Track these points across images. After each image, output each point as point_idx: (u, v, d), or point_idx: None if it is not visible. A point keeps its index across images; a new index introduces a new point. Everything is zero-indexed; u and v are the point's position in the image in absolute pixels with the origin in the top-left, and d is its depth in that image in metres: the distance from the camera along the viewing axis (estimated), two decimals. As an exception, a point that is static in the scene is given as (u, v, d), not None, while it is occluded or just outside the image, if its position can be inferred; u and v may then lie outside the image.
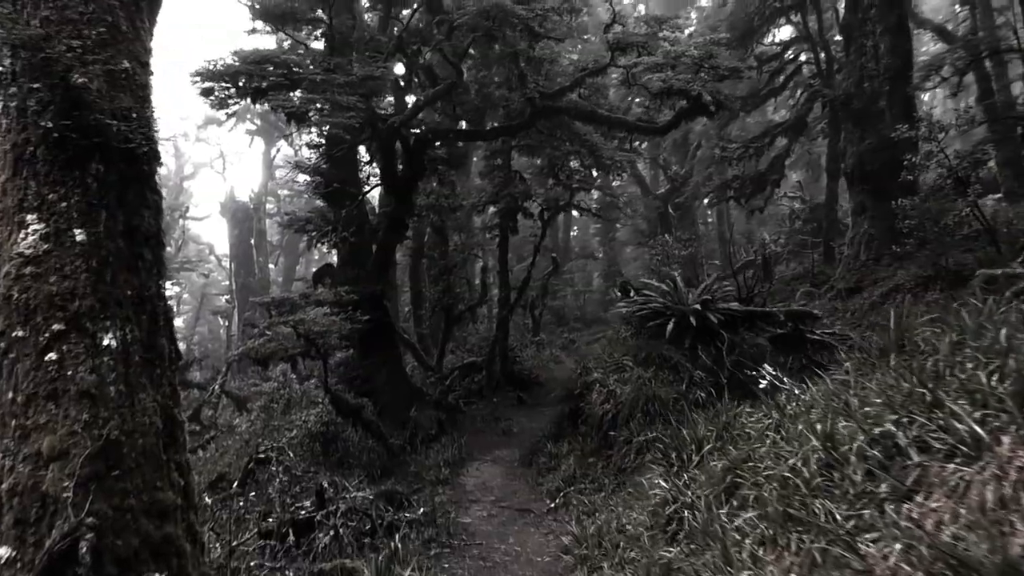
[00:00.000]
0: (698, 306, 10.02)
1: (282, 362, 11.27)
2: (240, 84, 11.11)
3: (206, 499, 12.14)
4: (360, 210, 15.57)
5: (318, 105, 11.04)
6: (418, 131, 14.57)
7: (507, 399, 17.48)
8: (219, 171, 62.79)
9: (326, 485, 8.17)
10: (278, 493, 11.37)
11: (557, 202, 18.90)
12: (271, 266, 46.54)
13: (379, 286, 15.26)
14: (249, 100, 11.58)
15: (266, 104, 11.60)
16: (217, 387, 22.61)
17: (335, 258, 18.84)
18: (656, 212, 30.72)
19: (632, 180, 32.81)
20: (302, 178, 18.52)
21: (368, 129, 13.94)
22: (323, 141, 15.89)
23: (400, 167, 15.00)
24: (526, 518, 8.54)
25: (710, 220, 39.67)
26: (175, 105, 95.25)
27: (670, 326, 9.95)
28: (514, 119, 15.50)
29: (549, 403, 17.22)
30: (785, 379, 6.46)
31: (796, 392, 5.94)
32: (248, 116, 38.56)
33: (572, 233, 44.48)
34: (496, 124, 15.77)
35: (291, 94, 11.30)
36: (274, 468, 12.34)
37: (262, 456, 12.62)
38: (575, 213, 45.73)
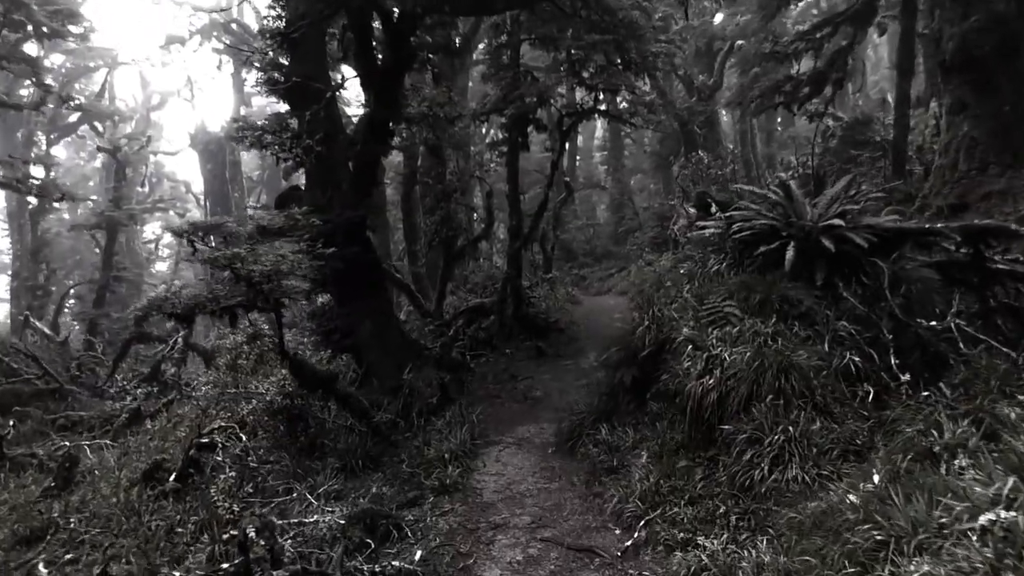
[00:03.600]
0: (837, 220, 6.59)
1: (213, 316, 7.85)
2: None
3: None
4: (330, 114, 11.89)
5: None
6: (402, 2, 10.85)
7: (523, 350, 14.21)
8: (188, 99, 57.70)
9: (252, 534, 4.83)
10: (222, 495, 8.28)
11: (579, 107, 15.19)
12: (253, 203, 42.67)
13: (359, 212, 11.79)
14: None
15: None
16: (180, 340, 19.33)
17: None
18: (683, 128, 26.97)
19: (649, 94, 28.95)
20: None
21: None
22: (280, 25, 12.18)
23: (381, 54, 11.35)
24: (590, 568, 5.27)
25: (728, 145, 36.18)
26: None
27: (790, 253, 6.57)
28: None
29: (572, 354, 13.99)
30: None
31: None
32: (215, 33, 34.10)
33: (576, 161, 40.79)
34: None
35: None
36: (219, 458, 9.24)
37: (205, 441, 9.51)
38: (579, 141, 42.18)
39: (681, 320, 6.61)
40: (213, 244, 8.76)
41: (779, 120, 36.16)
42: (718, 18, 30.72)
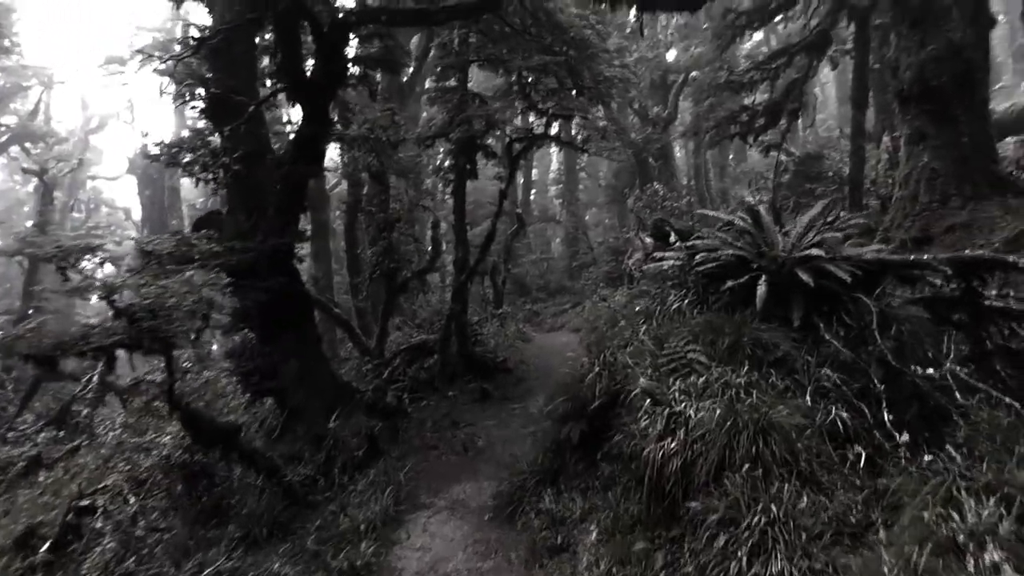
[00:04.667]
0: (815, 251, 5.72)
1: (87, 359, 6.62)
2: None
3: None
4: (254, 130, 10.83)
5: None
6: (335, 9, 9.89)
7: (467, 392, 13.06)
8: (128, 123, 55.33)
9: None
10: (98, 571, 7.04)
11: (529, 132, 14.35)
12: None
13: (286, 239, 10.66)
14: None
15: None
16: (95, 377, 17.67)
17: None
18: (637, 159, 26.52)
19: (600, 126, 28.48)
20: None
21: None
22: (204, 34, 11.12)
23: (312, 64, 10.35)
24: None
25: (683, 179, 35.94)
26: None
27: (761, 289, 5.65)
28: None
29: (521, 396, 12.94)
30: None
31: None
32: (156, 54, 32.71)
33: (531, 195, 40.21)
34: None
35: None
36: (100, 524, 7.92)
37: (86, 504, 8.16)
38: (534, 174, 41.61)
39: (637, 368, 5.61)
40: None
41: (731, 155, 36.17)
42: (672, 54, 30.62)
